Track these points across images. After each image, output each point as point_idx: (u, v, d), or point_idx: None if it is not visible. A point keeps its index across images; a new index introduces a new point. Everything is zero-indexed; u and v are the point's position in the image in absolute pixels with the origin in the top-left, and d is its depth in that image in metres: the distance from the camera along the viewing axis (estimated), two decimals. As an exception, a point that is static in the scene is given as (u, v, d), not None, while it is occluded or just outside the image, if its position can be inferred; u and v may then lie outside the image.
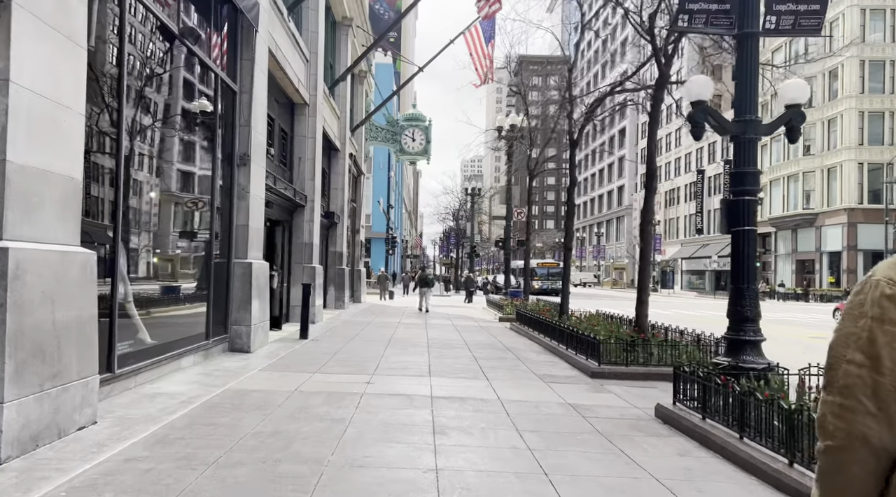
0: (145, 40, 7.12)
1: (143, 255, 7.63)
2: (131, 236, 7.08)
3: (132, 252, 7.14)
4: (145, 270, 7.75)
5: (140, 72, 7.03)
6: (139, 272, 7.61)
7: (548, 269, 53.26)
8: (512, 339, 13.59)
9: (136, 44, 6.83)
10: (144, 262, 7.75)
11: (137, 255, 7.48)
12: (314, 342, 11.84)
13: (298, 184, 15.56)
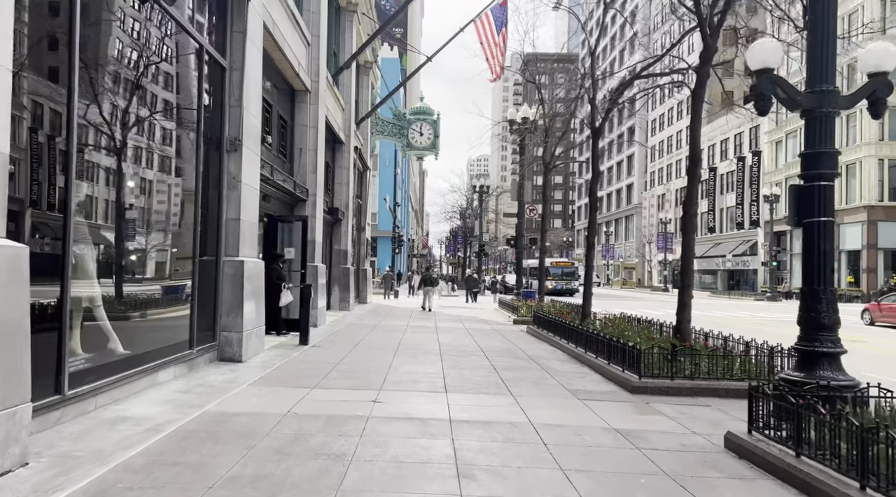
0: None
1: (116, 253, 6.53)
2: (104, 232, 5.99)
3: (104, 250, 6.04)
4: (118, 270, 6.65)
5: (101, 27, 5.93)
6: (111, 272, 6.52)
7: (562, 268, 50.88)
8: (531, 345, 12.44)
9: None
10: (117, 261, 6.65)
11: (110, 253, 6.38)
12: (315, 349, 10.72)
13: (299, 177, 14.45)
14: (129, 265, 7.12)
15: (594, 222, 13.89)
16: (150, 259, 7.33)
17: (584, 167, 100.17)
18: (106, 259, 6.41)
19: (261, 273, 9.76)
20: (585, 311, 13.61)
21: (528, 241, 27.03)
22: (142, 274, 7.18)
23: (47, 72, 5.12)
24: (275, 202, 12.88)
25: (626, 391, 7.63)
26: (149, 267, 7.31)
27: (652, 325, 11.71)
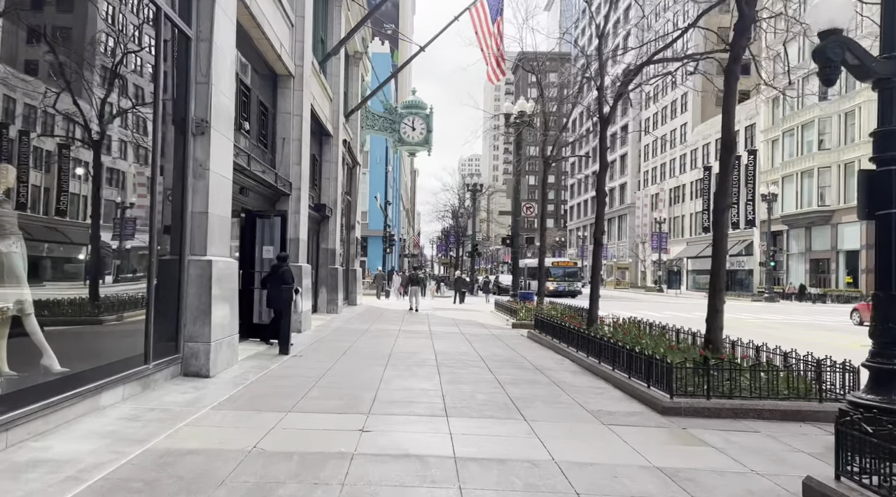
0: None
1: (54, 251, 5.37)
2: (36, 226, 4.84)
3: (38, 247, 4.89)
4: (56, 271, 5.50)
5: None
6: (48, 273, 5.37)
7: (563, 269, 48.09)
8: (535, 353, 11.34)
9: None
10: (55, 260, 5.50)
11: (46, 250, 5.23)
12: (296, 360, 9.57)
13: (282, 169, 13.29)
14: (72, 265, 5.96)
15: (602, 218, 12.83)
16: (98, 258, 6.18)
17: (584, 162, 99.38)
18: (41, 257, 5.27)
19: (233, 274, 8.60)
20: (592, 316, 12.55)
21: (525, 240, 25.89)
22: (88, 275, 6.02)
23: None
24: (254, 196, 11.73)
25: (655, 412, 6.55)
26: (96, 267, 6.15)
27: (666, 331, 10.67)
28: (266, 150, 12.75)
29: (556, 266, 48.25)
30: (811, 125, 47.67)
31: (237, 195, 10.66)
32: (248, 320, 11.21)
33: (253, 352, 10.06)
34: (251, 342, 11.03)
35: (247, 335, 11.17)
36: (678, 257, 68.73)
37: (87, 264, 6.07)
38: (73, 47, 5.76)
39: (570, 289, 45.63)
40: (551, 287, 42.93)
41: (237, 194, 10.65)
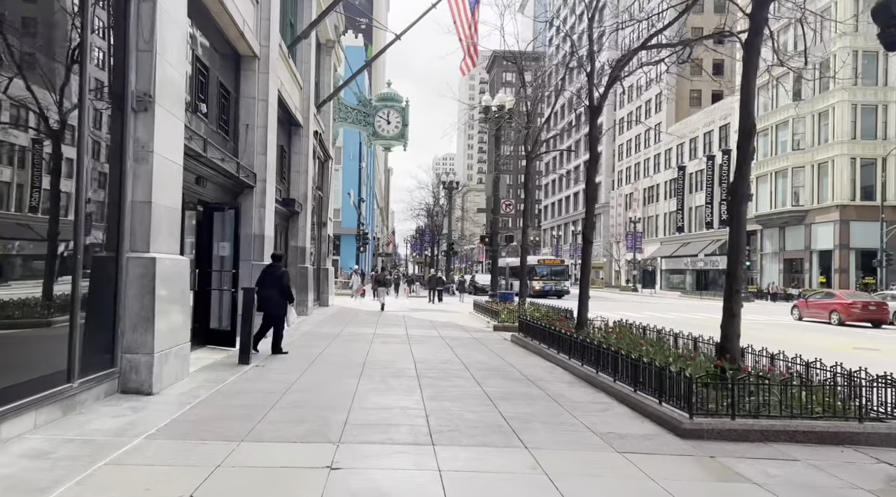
0: None
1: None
2: None
3: None
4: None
5: None
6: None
7: (550, 267, 44.83)
8: (523, 360, 10.41)
9: None
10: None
11: None
12: (258, 371, 8.48)
13: (245, 158, 12.14)
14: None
15: (592, 214, 11.99)
16: (11, 254, 5.05)
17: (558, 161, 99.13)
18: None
19: (183, 274, 7.48)
20: (582, 319, 11.69)
21: (504, 239, 25.03)
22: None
23: None
24: (213, 187, 10.57)
25: (672, 434, 5.65)
26: (8, 265, 5.02)
27: (662, 335, 9.85)
28: (227, 138, 11.59)
29: (543, 264, 45.20)
30: (785, 125, 47.83)
31: (193, 185, 9.51)
32: (205, 325, 10.06)
33: (209, 361, 8.94)
34: (208, 350, 9.88)
35: (203, 342, 10.02)
36: (652, 257, 68.82)
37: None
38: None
39: (556, 288, 42.90)
40: (537, 286, 40.84)
41: (193, 185, 9.51)
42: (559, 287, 43.09)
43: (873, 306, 23.01)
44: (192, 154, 8.76)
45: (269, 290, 9.69)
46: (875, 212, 40.73)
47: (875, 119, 43.23)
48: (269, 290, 9.69)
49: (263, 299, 9.72)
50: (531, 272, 40.89)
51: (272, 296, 9.69)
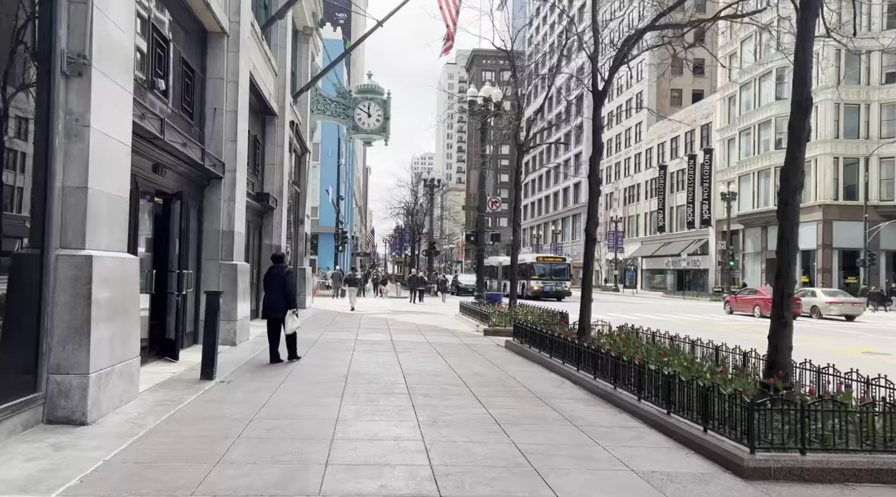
0: None
1: None
2: None
3: None
4: None
5: None
6: None
7: (550, 265, 40.12)
8: (524, 371, 9.34)
9: None
10: None
11: None
12: (222, 389, 7.27)
13: (213, 146, 10.87)
14: None
15: (595, 209, 10.95)
16: None
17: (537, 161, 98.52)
18: None
19: (130, 276, 6.24)
20: (584, 324, 10.64)
21: (491, 237, 24.04)
22: None
23: None
24: (174, 176, 9.30)
25: (731, 474, 4.61)
26: None
27: (675, 342, 8.85)
28: (192, 123, 10.32)
29: (542, 262, 40.59)
30: (768, 124, 47.60)
31: (149, 174, 8.26)
32: (163, 335, 8.80)
33: (166, 376, 7.69)
34: (166, 362, 8.63)
35: (161, 354, 8.77)
36: (633, 256, 68.48)
37: None
38: None
39: (556, 289, 38.36)
40: (535, 287, 37.49)
41: (149, 172, 8.26)
42: (559, 288, 38.67)
43: None
44: (146, 135, 7.52)
45: (274, 293, 9.24)
46: (858, 211, 40.59)
47: (858, 118, 43.13)
48: (275, 293, 9.24)
49: (268, 303, 9.29)
50: (529, 271, 38.55)
51: (276, 299, 9.21)
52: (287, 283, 9.25)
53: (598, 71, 10.98)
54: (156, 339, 8.61)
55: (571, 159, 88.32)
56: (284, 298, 9.20)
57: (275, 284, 9.30)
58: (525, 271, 38.16)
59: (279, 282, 9.28)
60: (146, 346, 8.42)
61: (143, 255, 8.32)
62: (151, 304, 8.56)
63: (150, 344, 8.53)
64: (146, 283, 8.35)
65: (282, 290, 9.22)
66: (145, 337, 8.41)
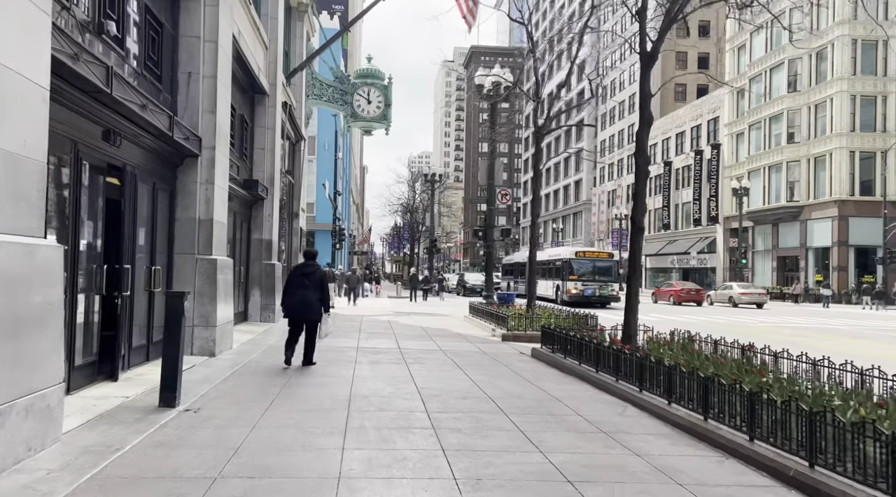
0: None
1: None
2: None
3: None
4: None
5: None
6: None
7: (592, 262, 30.57)
8: (566, 389, 7.57)
9: None
10: None
11: None
12: (184, 422, 5.46)
13: (188, 117, 9.07)
14: None
15: (643, 193, 9.20)
16: None
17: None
18: None
19: (45, 273, 4.43)
20: (631, 329, 8.90)
21: (501, 233, 22.30)
22: None
23: None
24: (134, 150, 7.51)
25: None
26: None
27: (750, 352, 7.11)
28: (160, 87, 8.51)
29: (583, 258, 30.80)
30: (779, 117, 45.97)
31: (97, 142, 6.47)
32: (112, 348, 6.98)
33: (113, 404, 5.89)
34: (119, 384, 6.82)
35: (111, 373, 6.95)
36: (638, 255, 66.53)
37: None
38: None
39: (602, 293, 29.35)
40: (573, 290, 29.03)
41: (97, 141, 6.47)
42: (605, 292, 29.50)
43: (694, 292, 34.20)
44: (85, 87, 5.71)
45: (305, 291, 8.49)
46: (875, 207, 39.00)
47: (874, 110, 41.52)
48: (306, 291, 8.49)
49: (298, 304, 8.50)
50: (565, 270, 30.44)
51: (309, 299, 8.48)
52: (324, 285, 8.56)
53: (645, 29, 9.23)
54: (108, 353, 6.81)
55: (572, 157, 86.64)
56: (321, 300, 8.52)
57: (307, 283, 8.53)
58: (560, 270, 31.03)
59: (315, 281, 8.54)
60: (94, 362, 6.63)
61: (89, 247, 6.53)
62: (103, 309, 6.77)
63: (101, 359, 6.74)
64: (94, 282, 6.57)
65: (317, 289, 8.51)
66: (94, 351, 6.63)
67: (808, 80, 43.87)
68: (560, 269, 31.08)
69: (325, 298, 8.58)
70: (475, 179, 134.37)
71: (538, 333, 12.88)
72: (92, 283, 6.51)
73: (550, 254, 34.32)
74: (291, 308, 8.58)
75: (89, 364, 6.50)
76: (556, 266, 31.88)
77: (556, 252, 34.24)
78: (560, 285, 30.44)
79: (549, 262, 33.32)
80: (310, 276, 8.59)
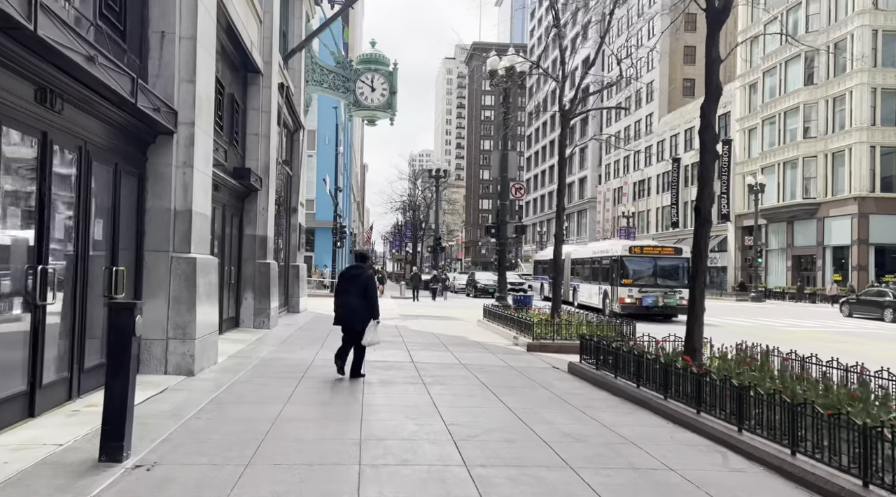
0: None
1: None
2: None
3: None
4: None
5: None
6: None
7: (654, 259, 22.15)
8: (635, 425, 5.97)
9: None
10: None
11: None
12: (131, 486, 3.86)
13: (160, 85, 7.46)
14: None
15: (710, 177, 7.62)
16: None
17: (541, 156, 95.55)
18: None
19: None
20: (695, 342, 7.32)
21: (515, 230, 20.72)
22: None
23: None
24: (85, 119, 5.91)
25: None
26: None
27: (857, 373, 5.53)
28: (123, 46, 6.90)
29: (641, 255, 22.29)
30: (795, 112, 44.35)
31: (24, 103, 4.88)
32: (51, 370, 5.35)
33: (30, 459, 4.26)
34: (45, 422, 5.20)
35: (53, 403, 5.33)
36: (646, 254, 65.05)
37: None
38: None
39: (667, 303, 21.42)
40: (628, 299, 21.10)
41: (28, 101, 4.88)
42: (671, 300, 21.49)
43: None
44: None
45: (349, 297, 7.97)
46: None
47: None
48: (350, 297, 7.97)
49: (342, 311, 7.97)
50: (616, 271, 22.27)
51: (353, 306, 7.94)
52: (369, 288, 7.96)
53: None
54: (38, 381, 5.21)
55: (576, 154, 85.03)
56: (367, 306, 7.93)
57: (350, 288, 8.00)
58: (608, 272, 23.33)
59: (358, 286, 7.96)
60: (25, 393, 5.04)
61: (16, 241, 4.94)
62: (35, 322, 5.16)
63: (32, 389, 5.14)
64: (21, 287, 4.97)
65: (360, 295, 7.91)
66: (29, 377, 5.04)
67: (825, 73, 42.26)
68: (608, 269, 23.31)
69: (371, 305, 7.88)
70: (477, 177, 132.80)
71: (567, 342, 11.35)
72: (17, 288, 4.92)
73: (595, 249, 26.62)
74: (339, 316, 8.03)
75: (16, 397, 4.91)
76: (602, 266, 24.25)
77: (603, 247, 25.81)
78: (608, 292, 22.85)
79: (593, 260, 25.69)
80: (353, 281, 8.00)
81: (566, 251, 27.66)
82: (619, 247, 23.20)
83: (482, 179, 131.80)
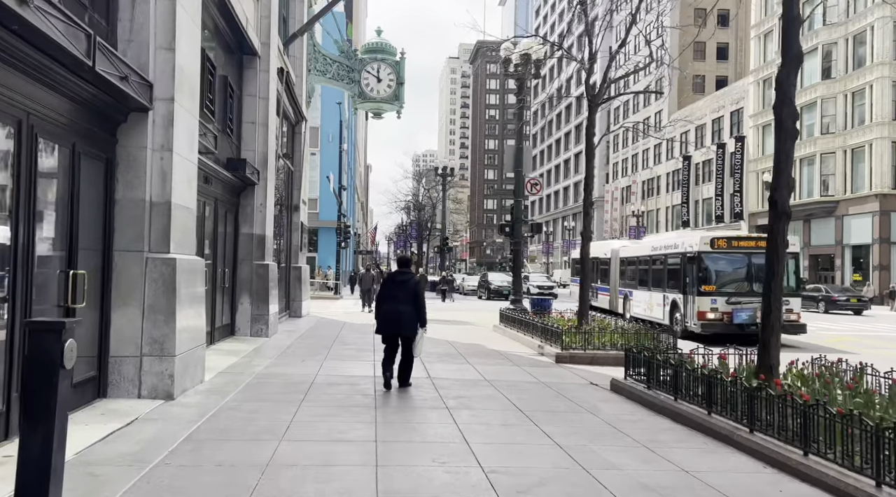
0: None
1: None
2: None
3: None
4: None
5: None
6: None
7: (747, 256, 14.93)
8: (719, 468, 4.73)
9: None
10: None
11: None
12: None
13: (131, 52, 6.24)
14: None
15: (789, 159, 6.36)
16: None
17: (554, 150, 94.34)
18: None
19: None
20: (771, 358, 6.07)
21: (530, 228, 19.50)
22: None
23: None
24: (23, 84, 4.70)
25: None
26: None
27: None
28: (83, 2, 5.68)
29: (727, 251, 15.40)
30: (812, 107, 42.96)
31: None
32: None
33: None
34: None
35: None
36: (655, 253, 63.72)
37: None
38: None
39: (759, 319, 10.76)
40: (712, 313, 14.60)
41: None
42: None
43: None
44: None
45: (396, 303, 7.60)
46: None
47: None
48: (397, 304, 7.60)
49: (387, 318, 7.63)
50: (693, 274, 15.54)
51: (403, 311, 7.55)
52: (419, 296, 7.67)
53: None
54: None
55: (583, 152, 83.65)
56: (415, 313, 7.58)
57: (398, 294, 7.65)
58: (679, 274, 16.67)
59: (407, 291, 7.63)
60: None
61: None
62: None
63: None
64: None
65: (411, 301, 7.58)
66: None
67: (844, 67, 40.90)
68: (678, 271, 16.69)
69: (419, 311, 7.55)
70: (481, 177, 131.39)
71: (600, 353, 10.12)
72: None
73: (656, 244, 19.73)
74: (381, 323, 7.71)
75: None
76: (668, 266, 17.58)
77: (668, 240, 19.09)
78: (678, 302, 16.22)
79: (653, 259, 18.88)
80: (402, 286, 7.67)
81: (613, 247, 22.97)
82: (696, 239, 16.10)
83: (487, 179, 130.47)
